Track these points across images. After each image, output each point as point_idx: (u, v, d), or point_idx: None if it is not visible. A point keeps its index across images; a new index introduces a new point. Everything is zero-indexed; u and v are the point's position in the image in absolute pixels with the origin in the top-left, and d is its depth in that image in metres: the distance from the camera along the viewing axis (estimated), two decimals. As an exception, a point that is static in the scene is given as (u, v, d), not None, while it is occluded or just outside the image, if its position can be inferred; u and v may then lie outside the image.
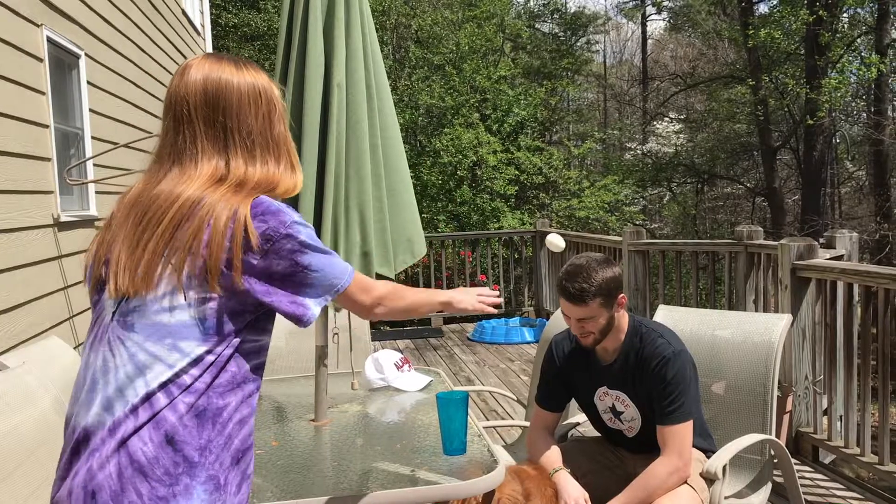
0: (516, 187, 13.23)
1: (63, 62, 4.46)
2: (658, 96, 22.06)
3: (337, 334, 3.20)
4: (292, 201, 2.61)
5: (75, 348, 3.69)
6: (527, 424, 3.11)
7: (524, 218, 12.77)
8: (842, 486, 3.85)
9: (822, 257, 4.34)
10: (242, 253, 1.44)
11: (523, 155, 13.28)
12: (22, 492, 2.06)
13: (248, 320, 1.48)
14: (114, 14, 5.44)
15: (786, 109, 16.63)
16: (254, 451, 1.53)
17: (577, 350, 2.67)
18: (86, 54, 4.71)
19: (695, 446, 2.59)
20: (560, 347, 2.72)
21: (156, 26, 6.77)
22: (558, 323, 2.98)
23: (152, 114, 6.38)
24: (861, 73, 14.64)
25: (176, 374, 1.40)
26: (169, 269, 1.42)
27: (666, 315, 3.24)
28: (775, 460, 2.91)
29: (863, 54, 16.08)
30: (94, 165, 4.83)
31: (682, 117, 20.87)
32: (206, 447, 1.40)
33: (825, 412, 4.26)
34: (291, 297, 1.50)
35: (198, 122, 1.52)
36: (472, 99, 13.34)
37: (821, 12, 13.90)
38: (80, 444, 1.41)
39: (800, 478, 3.43)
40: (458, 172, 12.78)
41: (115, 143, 5.03)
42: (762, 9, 18.65)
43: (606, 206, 13.90)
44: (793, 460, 2.95)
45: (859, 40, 16.30)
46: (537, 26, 18.80)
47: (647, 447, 2.58)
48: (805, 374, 4.29)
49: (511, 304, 9.38)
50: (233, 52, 13.21)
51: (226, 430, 1.44)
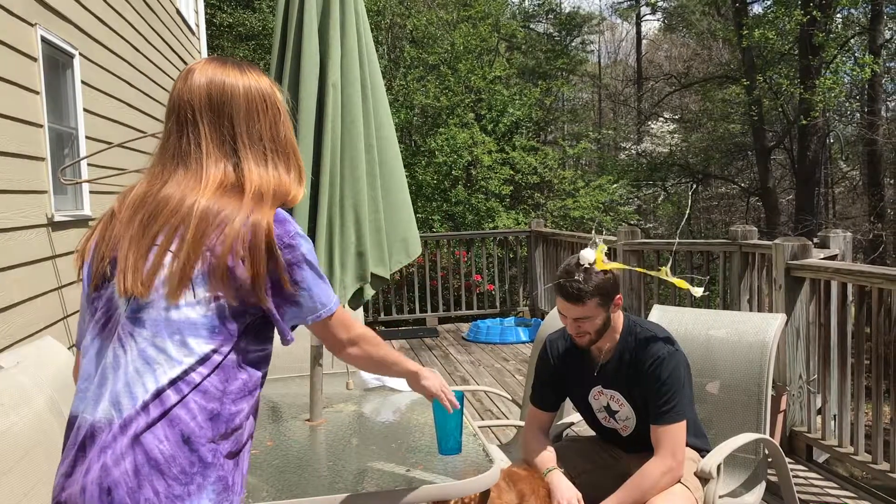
0: (511, 187, 13.22)
1: (57, 62, 4.44)
2: (653, 96, 22.09)
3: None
4: None
5: (70, 348, 3.68)
6: (522, 424, 3.11)
7: (519, 218, 12.76)
8: (836, 485, 3.86)
9: (817, 257, 4.35)
10: (267, 261, 1.47)
11: (518, 155, 13.27)
12: (17, 492, 2.06)
13: (247, 322, 1.49)
14: (108, 14, 5.43)
15: (780, 109, 16.65)
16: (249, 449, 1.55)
17: (572, 349, 2.67)
18: (80, 54, 4.69)
19: (689, 445, 2.59)
20: (554, 347, 2.72)
21: (150, 26, 6.76)
22: (553, 323, 2.99)
23: (147, 113, 6.36)
24: (855, 73, 14.66)
25: (185, 372, 1.41)
26: (179, 268, 1.44)
27: (661, 314, 3.24)
28: (769, 459, 2.91)
29: (856, 55, 16.12)
30: (89, 165, 4.82)
31: (676, 117, 20.91)
32: (217, 449, 1.43)
33: (819, 411, 4.27)
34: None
35: (202, 125, 1.53)
36: (467, 99, 13.34)
37: (815, 13, 13.92)
38: (86, 440, 1.41)
39: (794, 477, 3.44)
40: (453, 172, 12.77)
41: (110, 143, 5.02)
42: (756, 9, 18.62)
43: (601, 205, 13.90)
44: (787, 459, 2.96)
45: (853, 41, 16.33)
46: (532, 26, 18.79)
47: (641, 446, 2.58)
48: (799, 374, 4.30)
49: (506, 304, 9.39)
50: (227, 51, 13.20)
51: (235, 434, 1.47)
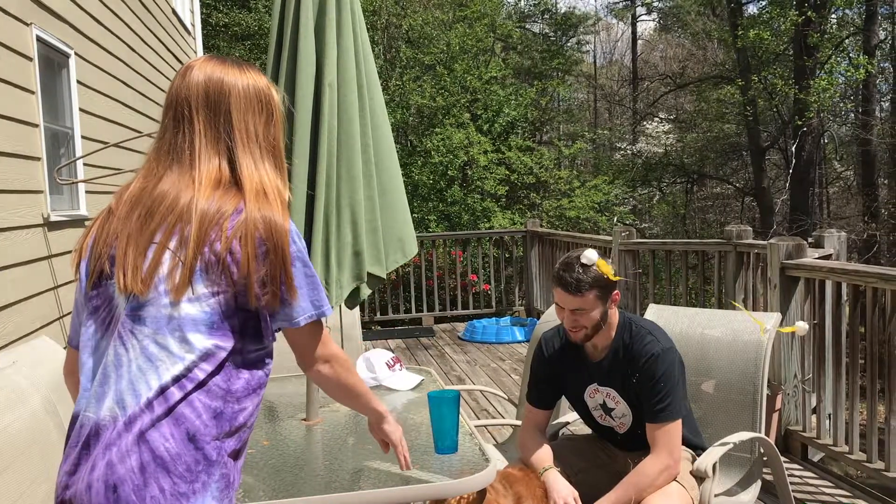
0: (507, 187, 13.24)
1: (53, 61, 4.44)
2: (648, 96, 22.09)
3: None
4: None
5: (65, 348, 3.67)
6: (518, 423, 3.11)
7: (515, 218, 12.77)
8: (831, 484, 3.87)
9: (811, 257, 4.35)
10: (281, 260, 1.48)
11: (514, 155, 13.29)
12: (13, 491, 2.06)
13: (246, 318, 1.49)
14: (104, 13, 5.42)
15: (774, 110, 16.67)
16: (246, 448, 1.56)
17: (567, 347, 2.66)
18: (76, 53, 4.69)
19: (684, 444, 2.59)
20: (550, 344, 2.71)
21: (146, 26, 6.75)
22: (549, 322, 2.98)
23: (143, 113, 6.36)
24: (849, 73, 14.69)
25: (187, 368, 1.42)
26: (182, 266, 1.44)
27: (656, 314, 3.24)
28: (765, 458, 2.91)
29: (851, 55, 16.14)
30: (84, 165, 4.81)
31: (671, 117, 20.92)
32: (221, 447, 1.44)
33: (814, 410, 4.27)
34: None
35: (198, 121, 1.53)
36: (463, 99, 13.35)
37: (809, 13, 13.95)
38: (90, 438, 1.41)
39: (789, 475, 3.44)
40: (449, 172, 12.78)
41: (105, 143, 5.01)
42: (751, 9, 18.67)
43: (596, 206, 13.91)
44: (782, 458, 2.96)
45: (847, 41, 16.36)
46: (528, 26, 18.81)
47: (637, 444, 2.58)
48: (794, 373, 4.31)
49: (502, 304, 9.40)
50: (223, 51, 13.18)
51: (239, 432, 1.48)
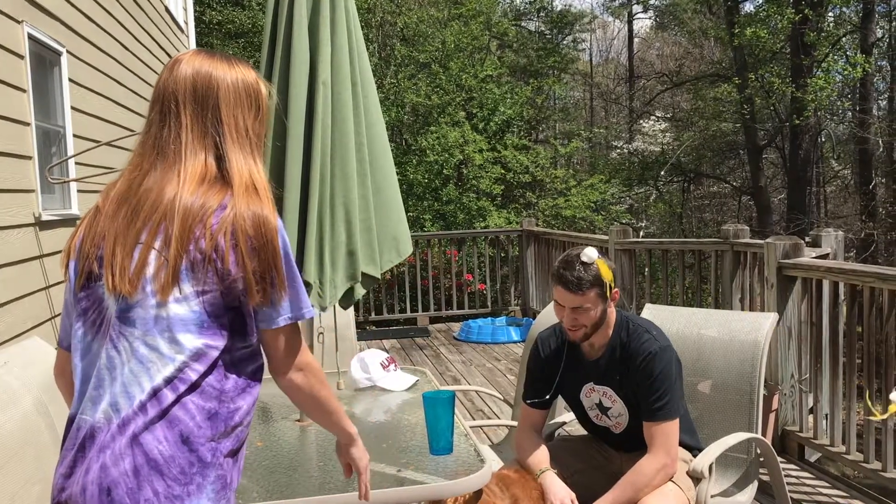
0: (502, 186, 13.21)
1: (44, 59, 4.41)
2: (644, 95, 22.08)
3: (322, 334, 3.19)
4: (278, 198, 2.60)
5: (57, 349, 3.65)
6: (513, 424, 3.10)
7: (510, 217, 12.75)
8: (827, 484, 3.86)
9: (808, 256, 4.35)
10: (270, 258, 1.47)
11: (510, 154, 13.26)
12: (5, 492, 2.04)
13: (234, 317, 1.47)
14: (96, 11, 5.39)
15: (772, 108, 16.67)
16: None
17: (563, 346, 2.66)
18: (68, 51, 4.65)
19: (681, 444, 2.59)
20: (546, 344, 2.70)
21: (139, 23, 6.71)
22: (545, 322, 2.98)
23: (135, 112, 6.32)
24: (847, 72, 14.68)
25: (178, 369, 1.41)
26: (167, 266, 1.42)
27: (652, 314, 3.23)
28: (761, 459, 2.91)
29: (848, 53, 16.14)
30: (76, 164, 4.78)
31: (668, 116, 20.92)
32: (217, 448, 1.43)
33: (811, 411, 4.27)
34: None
35: (185, 116, 1.51)
36: (459, 97, 13.31)
37: (806, 11, 13.92)
38: (86, 440, 1.41)
39: (786, 476, 3.44)
40: (444, 171, 12.74)
41: (98, 142, 4.98)
42: (748, 7, 18.62)
43: (593, 205, 13.90)
44: (779, 459, 2.96)
45: (844, 39, 16.36)
46: (523, 24, 18.79)
47: (634, 445, 2.57)
48: (791, 373, 4.30)
49: (497, 304, 9.37)
50: (217, 49, 13.14)
51: (236, 431, 1.47)
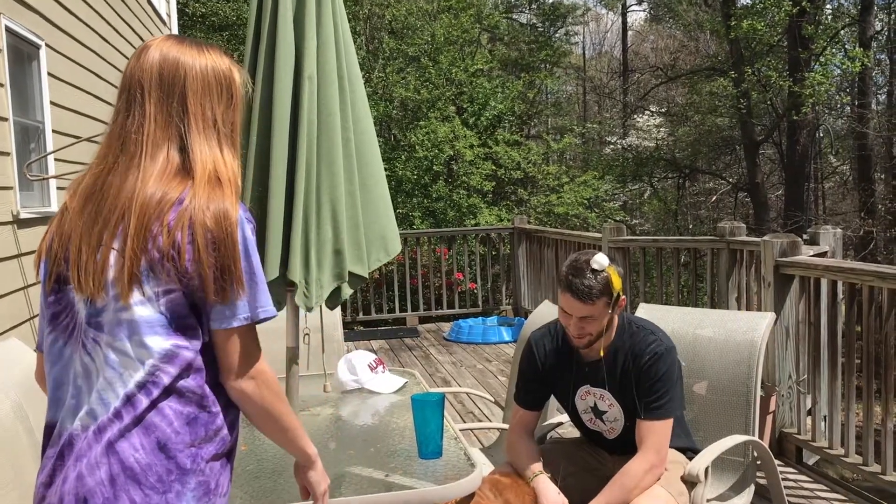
0: (493, 183, 13.14)
1: (22, 53, 4.33)
2: (638, 89, 22.04)
3: (308, 335, 3.13)
4: (262, 196, 2.56)
5: (35, 350, 3.56)
6: (505, 427, 3.09)
7: (502, 214, 12.67)
8: (826, 488, 3.82)
9: (806, 254, 4.32)
10: (231, 254, 1.41)
11: (501, 149, 13.18)
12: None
13: (199, 315, 1.42)
14: (76, 3, 5.29)
15: (768, 103, 16.56)
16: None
17: (559, 348, 2.63)
18: (46, 45, 4.57)
19: (676, 446, 2.58)
20: (540, 345, 2.66)
21: (119, 16, 6.61)
22: (537, 321, 2.95)
23: (118, 107, 6.23)
24: (845, 66, 14.61)
25: (150, 373, 1.37)
26: (126, 267, 1.37)
27: (647, 313, 3.20)
28: (758, 462, 2.88)
29: (847, 47, 16.09)
30: (56, 160, 4.71)
31: (662, 110, 20.86)
32: (198, 454, 1.40)
33: (809, 412, 4.24)
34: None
35: (149, 104, 1.45)
36: (449, 91, 13.22)
37: (804, 3, 13.78)
38: (64, 448, 1.39)
39: (783, 479, 3.41)
40: (434, 167, 12.65)
41: (78, 137, 4.92)
42: (744, -1, 18.52)
43: (586, 202, 13.84)
44: (776, 461, 2.94)
45: (843, 32, 16.29)
46: (515, 17, 18.72)
47: (626, 449, 2.54)
48: (789, 374, 4.26)
49: (488, 303, 9.31)
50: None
51: (219, 435, 1.43)
